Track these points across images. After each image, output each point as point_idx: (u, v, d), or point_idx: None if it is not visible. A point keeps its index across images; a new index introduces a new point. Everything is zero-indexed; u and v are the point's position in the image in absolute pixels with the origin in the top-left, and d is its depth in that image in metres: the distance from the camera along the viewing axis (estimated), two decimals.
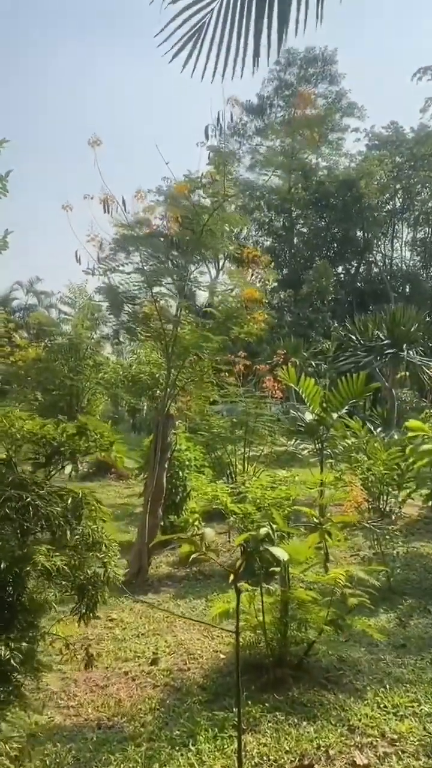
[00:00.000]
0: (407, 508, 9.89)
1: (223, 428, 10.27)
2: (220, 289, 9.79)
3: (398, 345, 12.82)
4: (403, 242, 43.06)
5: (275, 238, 41.83)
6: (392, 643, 5.11)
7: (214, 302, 7.37)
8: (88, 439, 3.76)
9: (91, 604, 2.83)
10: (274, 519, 3.55)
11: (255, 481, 4.73)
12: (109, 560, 2.98)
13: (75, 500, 2.89)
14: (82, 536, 2.87)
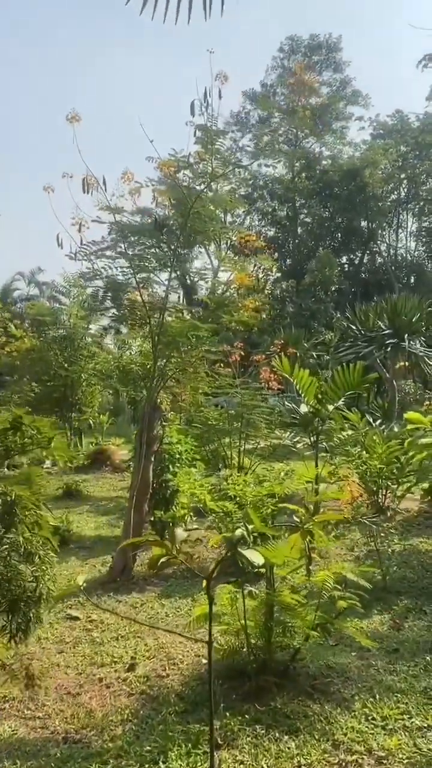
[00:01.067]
0: (406, 502, 9.60)
1: (219, 420, 10.00)
2: (220, 277, 9.48)
3: (400, 335, 12.48)
4: (408, 232, 42.51)
5: (279, 228, 41.39)
6: (385, 647, 4.83)
7: (205, 289, 7.05)
8: (23, 435, 3.44)
9: (23, 623, 2.54)
10: (251, 519, 3.26)
11: (238, 477, 4.44)
12: (43, 574, 2.68)
13: (6, 504, 2.59)
14: (12, 546, 2.57)
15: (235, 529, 3.34)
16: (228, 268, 7.62)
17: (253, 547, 3.11)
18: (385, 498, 9.14)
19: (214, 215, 6.68)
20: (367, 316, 13.57)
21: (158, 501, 6.97)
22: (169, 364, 6.94)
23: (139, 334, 8.33)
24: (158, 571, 6.14)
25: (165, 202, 6.79)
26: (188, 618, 5.50)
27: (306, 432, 7.56)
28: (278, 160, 38.15)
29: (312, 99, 38.69)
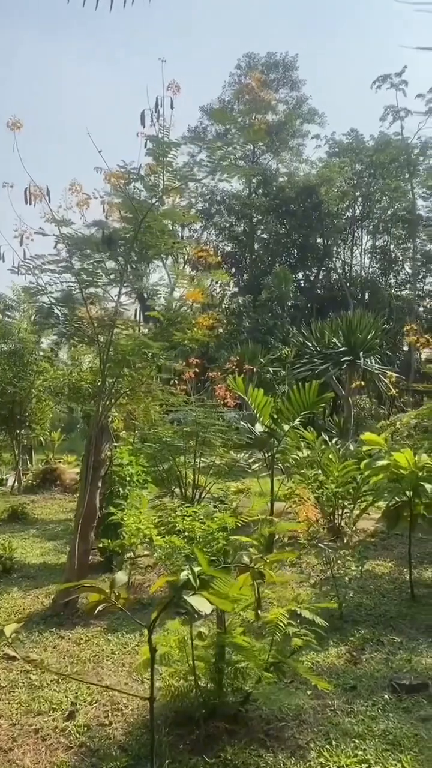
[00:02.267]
0: (362, 522, 9.48)
1: (174, 438, 9.71)
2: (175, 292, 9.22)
3: (355, 352, 12.45)
4: (363, 250, 43.20)
5: (236, 243, 41.57)
6: (342, 684, 4.60)
7: (156, 305, 6.80)
8: None
9: None
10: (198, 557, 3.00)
11: (188, 509, 4.17)
12: None
13: None
14: None
15: (181, 570, 3.07)
16: (183, 284, 7.36)
17: (199, 592, 2.83)
18: (341, 519, 8.98)
19: (166, 229, 6.44)
20: (323, 333, 13.52)
21: (106, 528, 6.62)
22: (119, 383, 6.63)
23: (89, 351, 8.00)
24: (93, 618, 5.81)
25: (115, 214, 6.53)
26: (135, 655, 5.18)
27: (261, 452, 7.34)
28: (234, 175, 38.39)
29: (269, 116, 39.12)
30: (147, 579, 7.14)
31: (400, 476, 6.65)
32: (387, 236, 41.82)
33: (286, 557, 4.12)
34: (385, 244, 42.08)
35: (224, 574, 3.08)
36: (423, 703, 4.25)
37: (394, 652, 5.17)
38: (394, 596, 6.69)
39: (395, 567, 7.85)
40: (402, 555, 8.30)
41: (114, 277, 6.44)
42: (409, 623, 5.88)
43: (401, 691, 4.39)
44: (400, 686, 4.44)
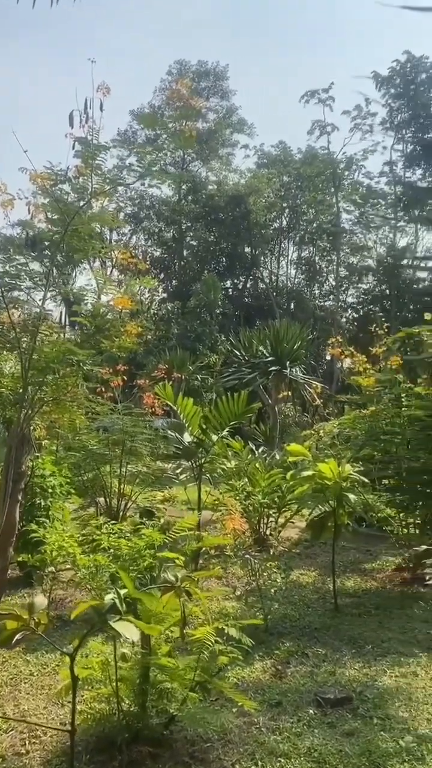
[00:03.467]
0: (286, 531, 9.56)
1: (99, 447, 9.45)
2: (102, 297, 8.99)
3: (282, 362, 12.60)
4: (289, 260, 44.08)
5: (165, 249, 41.48)
6: (267, 700, 4.55)
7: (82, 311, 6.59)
8: None
9: None
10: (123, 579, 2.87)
11: (113, 526, 4.01)
12: None
13: None
14: None
15: (105, 592, 2.93)
16: (110, 290, 7.18)
17: (126, 616, 2.71)
18: (267, 528, 9.02)
19: (94, 233, 6.26)
20: (251, 342, 13.61)
21: (25, 542, 6.33)
22: (43, 391, 6.38)
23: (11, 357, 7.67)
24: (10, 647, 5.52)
25: (41, 215, 6.29)
26: (56, 676, 4.96)
27: (190, 462, 7.25)
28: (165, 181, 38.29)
29: (199, 123, 39.27)
30: (69, 594, 6.89)
31: (325, 486, 6.73)
32: (312, 248, 42.85)
33: (213, 574, 4.04)
34: (311, 255, 43.11)
35: (150, 596, 2.96)
36: (347, 717, 4.26)
37: (318, 665, 5.19)
38: (318, 607, 6.75)
39: (318, 576, 7.94)
40: (325, 564, 8.41)
41: (38, 280, 6.21)
42: (333, 634, 5.93)
43: (326, 706, 4.40)
44: (325, 700, 4.44)
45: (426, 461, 7.82)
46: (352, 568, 8.42)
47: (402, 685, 4.83)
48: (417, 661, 5.28)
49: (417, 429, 7.93)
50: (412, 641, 5.78)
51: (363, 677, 4.95)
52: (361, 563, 8.73)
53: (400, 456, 7.98)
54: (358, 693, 4.63)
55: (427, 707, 4.45)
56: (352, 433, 10.12)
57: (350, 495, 6.71)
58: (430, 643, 5.71)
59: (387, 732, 4.07)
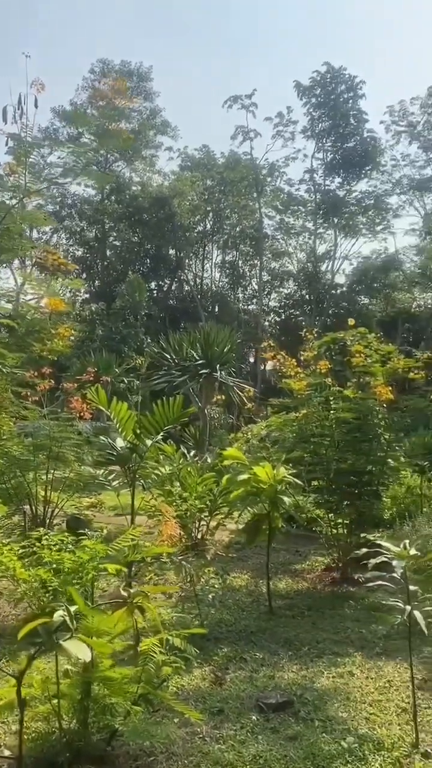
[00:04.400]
0: (218, 533, 9.57)
1: (23, 452, 9.12)
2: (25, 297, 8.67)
3: (212, 365, 12.64)
4: (213, 264, 44.41)
5: (87, 248, 40.77)
6: (209, 708, 4.51)
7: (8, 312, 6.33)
8: None
9: None
10: (71, 595, 2.75)
11: (53, 537, 3.86)
12: None
13: None
14: None
15: (51, 609, 2.80)
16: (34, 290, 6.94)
17: (76, 635, 2.59)
18: (199, 532, 8.99)
19: (22, 231, 6.05)
20: (181, 345, 13.58)
21: None
22: None
23: None
24: None
25: None
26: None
27: (123, 468, 7.11)
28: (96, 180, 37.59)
29: (122, 124, 38.83)
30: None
31: (260, 490, 6.77)
32: (236, 252, 43.37)
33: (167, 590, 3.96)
34: (234, 259, 43.61)
35: (102, 613, 2.86)
36: (290, 722, 4.28)
37: (257, 669, 5.20)
38: (253, 610, 6.78)
39: (251, 579, 7.99)
40: (256, 566, 8.48)
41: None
42: (269, 637, 5.96)
43: (268, 711, 4.40)
44: (267, 705, 4.45)
45: (353, 462, 8.02)
46: (283, 570, 8.53)
47: (339, 685, 4.91)
48: (352, 661, 5.39)
49: (345, 431, 8.12)
50: (345, 641, 5.90)
51: (302, 679, 5.01)
52: (291, 564, 8.85)
53: (328, 458, 8.13)
54: (299, 696, 4.67)
55: (365, 706, 4.55)
56: (280, 435, 10.27)
57: (284, 497, 6.79)
58: (363, 642, 5.85)
59: (329, 734, 4.12)
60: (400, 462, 9.18)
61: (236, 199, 40.67)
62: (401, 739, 4.05)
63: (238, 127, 39.55)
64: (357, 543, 7.81)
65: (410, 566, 4.26)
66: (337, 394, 8.24)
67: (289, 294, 44.23)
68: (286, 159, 40.70)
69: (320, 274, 41.89)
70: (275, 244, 43.76)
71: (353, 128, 38.52)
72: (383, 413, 8.29)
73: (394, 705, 4.56)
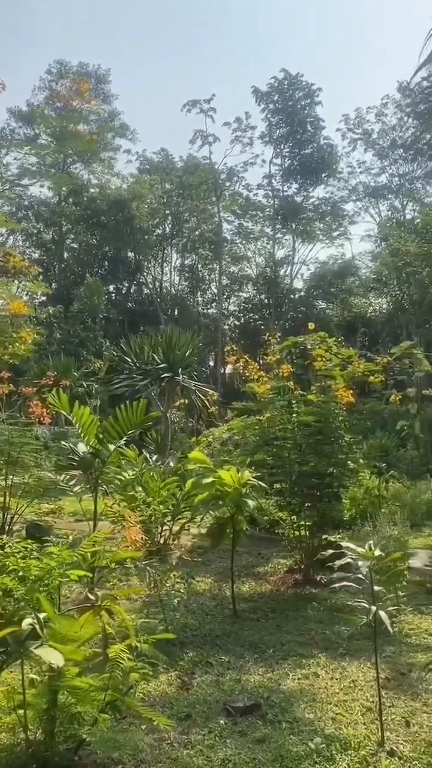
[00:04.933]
0: (181, 538, 9.54)
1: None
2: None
3: (174, 369, 12.61)
4: (172, 267, 44.37)
5: (44, 250, 40.21)
6: (176, 713, 4.49)
7: None
8: None
9: None
10: (40, 602, 2.70)
11: (18, 542, 3.79)
12: None
13: None
14: None
15: (19, 617, 2.74)
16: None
17: (47, 642, 2.55)
18: (162, 537, 8.95)
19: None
20: (143, 349, 13.51)
21: None
22: None
23: None
24: None
25: None
26: None
27: (85, 473, 7.03)
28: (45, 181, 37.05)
29: (80, 126, 38.55)
30: None
31: (225, 493, 6.78)
32: (195, 256, 43.42)
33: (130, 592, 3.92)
34: (193, 263, 43.66)
35: (70, 619, 2.81)
36: (258, 724, 4.30)
37: (223, 673, 5.20)
38: (218, 614, 6.78)
39: (215, 583, 8.00)
40: (220, 570, 8.49)
41: None
42: (234, 641, 5.97)
43: (235, 714, 4.41)
44: (234, 709, 4.45)
45: (315, 465, 8.11)
46: (247, 573, 8.56)
47: (305, 686, 4.95)
48: (317, 662, 5.44)
49: (307, 434, 8.21)
50: (309, 642, 5.95)
51: (268, 682, 5.03)
52: (254, 567, 8.89)
53: (291, 460, 8.21)
54: (265, 698, 4.69)
55: (331, 707, 4.59)
56: (241, 438, 10.32)
57: (248, 500, 6.82)
58: (327, 643, 5.91)
59: (296, 735, 4.15)
60: (359, 464, 9.36)
61: (195, 203, 40.73)
62: (367, 738, 4.11)
63: (196, 131, 39.69)
64: (319, 544, 7.91)
65: (373, 567, 4.33)
66: (299, 397, 8.32)
67: (248, 298, 44.51)
68: (245, 164, 41.01)
69: (279, 278, 42.30)
70: (234, 248, 44.01)
71: (310, 135, 39.04)
72: (344, 416, 8.43)
73: (360, 704, 4.62)
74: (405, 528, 8.04)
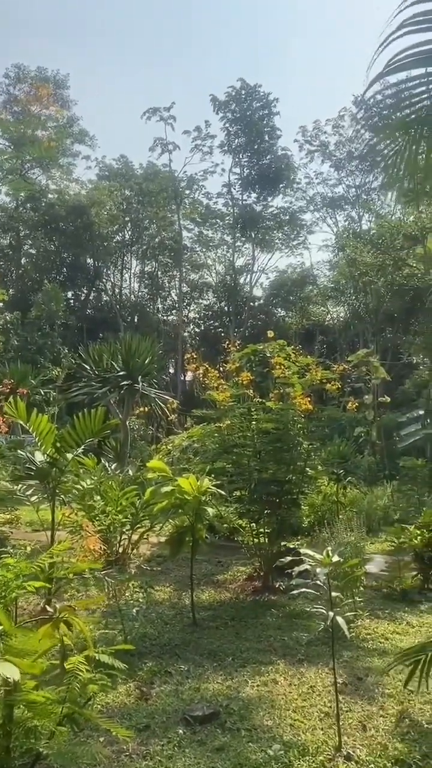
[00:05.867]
0: (140, 547, 9.47)
1: None
2: None
3: (133, 377, 12.56)
4: (132, 274, 44.19)
5: (1, 256, 39.57)
6: (135, 724, 4.44)
7: None
8: None
9: None
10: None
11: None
12: None
13: None
14: None
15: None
16: None
17: (3, 655, 2.51)
18: (121, 546, 8.87)
19: None
20: (102, 356, 13.40)
21: None
22: None
23: None
24: None
25: None
26: None
27: (43, 483, 6.92)
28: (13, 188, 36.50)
29: (38, 131, 38.24)
30: None
31: (184, 501, 6.78)
32: (155, 263, 43.35)
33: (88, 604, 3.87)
34: (153, 270, 43.57)
35: (27, 631, 2.77)
36: (217, 733, 4.29)
37: (182, 682, 5.19)
38: (177, 623, 6.76)
39: (174, 591, 7.97)
40: (179, 578, 8.47)
41: None
42: (193, 649, 5.96)
43: (194, 723, 4.40)
44: (193, 718, 4.44)
45: (274, 472, 8.18)
46: (206, 581, 8.55)
47: (264, 693, 4.98)
48: (275, 669, 5.47)
49: (266, 441, 8.28)
50: (269, 649, 5.98)
51: (227, 690, 5.03)
52: (214, 575, 8.89)
53: (250, 468, 8.25)
54: (224, 706, 4.69)
55: (290, 713, 4.63)
56: (201, 446, 10.32)
57: (208, 508, 6.83)
58: (285, 650, 5.95)
59: (255, 743, 4.17)
60: (318, 470, 9.47)
61: (155, 210, 40.70)
62: (325, 743, 4.15)
63: (156, 138, 39.72)
64: (278, 551, 7.97)
65: (331, 573, 4.38)
66: (258, 405, 8.38)
67: (208, 305, 44.66)
68: (205, 172, 41.18)
69: (239, 286, 42.55)
70: (194, 256, 44.12)
71: (268, 145, 39.49)
72: (302, 423, 8.53)
73: (317, 710, 4.67)
74: (361, 534, 8.15)
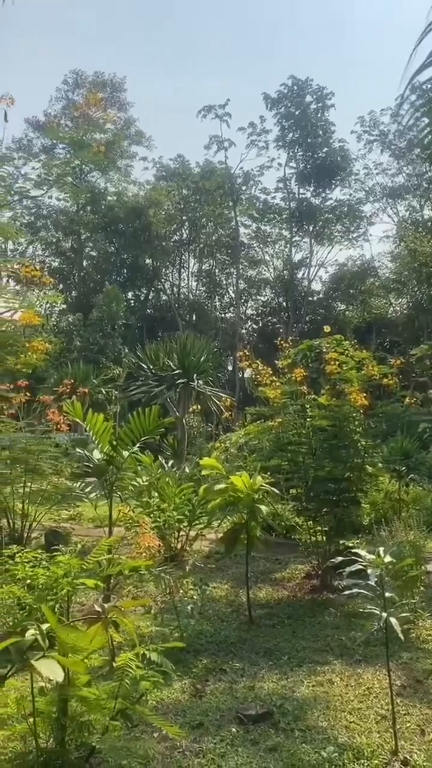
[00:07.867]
0: (197, 543, 9.52)
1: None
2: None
3: (189, 375, 12.64)
4: (190, 272, 44.51)
5: (63, 259, 40.64)
6: (188, 722, 4.47)
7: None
8: None
9: None
10: (44, 614, 2.71)
11: (29, 552, 3.82)
12: None
13: None
14: None
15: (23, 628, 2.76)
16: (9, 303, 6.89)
17: (49, 653, 2.56)
18: (178, 542, 8.95)
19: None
20: (158, 355, 13.56)
21: None
22: None
23: None
24: None
25: None
26: None
27: (100, 480, 7.05)
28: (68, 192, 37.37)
29: (97, 134, 38.94)
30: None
31: (238, 499, 6.77)
32: (212, 261, 43.52)
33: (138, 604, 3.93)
34: (211, 268, 43.75)
35: (76, 631, 2.82)
36: (270, 733, 4.27)
37: (237, 680, 5.18)
38: (233, 620, 6.76)
39: (231, 589, 7.96)
40: (236, 575, 8.46)
41: None
42: (249, 647, 5.95)
43: (248, 722, 4.38)
44: (247, 717, 4.43)
45: (331, 470, 8.04)
46: (263, 578, 8.51)
47: (319, 694, 4.91)
48: (332, 669, 5.39)
49: (321, 439, 8.15)
50: (325, 649, 5.90)
51: (281, 689, 4.99)
52: (271, 573, 8.84)
53: (306, 465, 8.15)
54: (278, 706, 4.66)
55: (345, 714, 4.55)
56: (257, 443, 10.28)
57: (262, 506, 6.80)
58: (342, 650, 5.85)
59: (309, 744, 4.12)
60: (378, 468, 9.25)
61: (212, 208, 40.84)
62: (381, 746, 4.06)
63: (212, 136, 39.81)
64: (336, 550, 7.84)
65: (388, 572, 4.28)
66: (312, 402, 8.27)
67: (266, 302, 44.49)
68: (261, 168, 41.00)
69: (296, 281, 42.19)
70: (251, 252, 44.03)
71: (323, 139, 38.92)
72: (360, 419, 8.35)
73: (374, 712, 4.57)
74: (423, 532, 7.92)
